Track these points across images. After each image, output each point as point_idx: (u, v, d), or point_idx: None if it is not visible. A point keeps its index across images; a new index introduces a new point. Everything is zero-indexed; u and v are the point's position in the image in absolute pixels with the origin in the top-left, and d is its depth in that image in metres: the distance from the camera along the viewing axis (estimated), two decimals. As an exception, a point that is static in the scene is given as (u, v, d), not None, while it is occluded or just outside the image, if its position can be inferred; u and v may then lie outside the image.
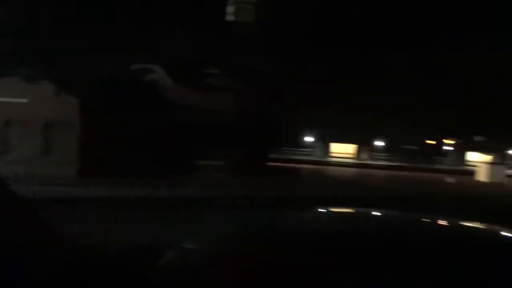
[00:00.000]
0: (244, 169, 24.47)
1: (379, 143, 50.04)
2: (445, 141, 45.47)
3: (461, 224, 2.14)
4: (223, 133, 25.97)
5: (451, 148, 41.81)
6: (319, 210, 2.35)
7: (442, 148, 45.54)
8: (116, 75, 24.19)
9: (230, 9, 30.47)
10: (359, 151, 50.35)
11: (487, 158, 43.12)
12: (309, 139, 53.55)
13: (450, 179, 31.12)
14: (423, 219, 2.14)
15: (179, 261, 1.21)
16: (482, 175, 33.34)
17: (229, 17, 30.57)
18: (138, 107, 22.76)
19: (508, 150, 42.81)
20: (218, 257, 1.23)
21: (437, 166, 44.16)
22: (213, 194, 16.83)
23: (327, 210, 2.28)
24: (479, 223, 2.10)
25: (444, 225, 2.11)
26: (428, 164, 45.65)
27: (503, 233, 2.01)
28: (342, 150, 51.62)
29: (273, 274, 1.30)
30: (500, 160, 38.20)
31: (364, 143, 49.07)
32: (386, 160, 46.57)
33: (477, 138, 42.06)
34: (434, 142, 45.51)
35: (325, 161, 46.09)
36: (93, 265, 1.43)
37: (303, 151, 52.38)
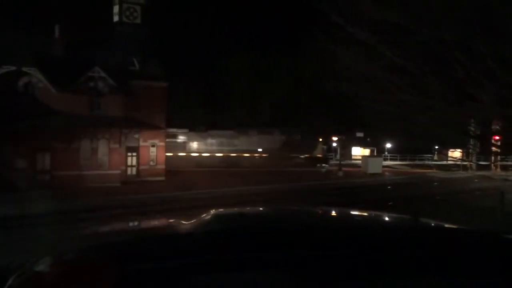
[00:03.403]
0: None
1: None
2: (333, 137, 48.96)
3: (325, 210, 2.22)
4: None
5: (335, 144, 45.18)
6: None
7: (331, 145, 48.96)
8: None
9: (116, 9, 29.00)
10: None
11: (367, 152, 47.70)
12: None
13: (340, 172, 33.75)
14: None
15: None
16: (364, 167, 36.74)
17: (116, 18, 29.09)
18: (10, 113, 20.48)
19: (383, 144, 47.76)
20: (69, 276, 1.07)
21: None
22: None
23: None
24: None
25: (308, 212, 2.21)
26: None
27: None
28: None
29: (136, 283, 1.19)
30: (377, 154, 42.52)
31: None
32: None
33: (359, 134, 46.20)
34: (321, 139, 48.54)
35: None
36: None
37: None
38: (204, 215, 2.01)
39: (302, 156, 39.57)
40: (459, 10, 8.79)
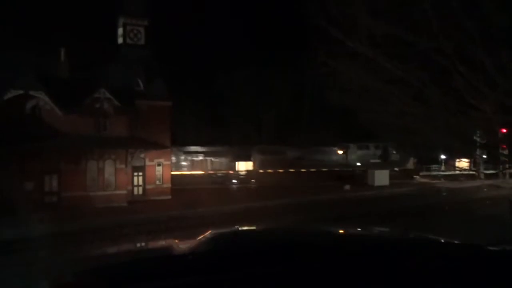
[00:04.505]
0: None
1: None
2: (339, 151, 49.01)
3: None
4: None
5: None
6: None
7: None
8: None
9: (120, 31, 29.49)
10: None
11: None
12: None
13: (346, 186, 33.45)
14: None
15: None
16: (370, 180, 36.45)
17: (120, 40, 29.56)
18: (18, 136, 20.74)
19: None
20: None
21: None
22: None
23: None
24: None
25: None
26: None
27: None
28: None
29: None
30: (383, 166, 42.34)
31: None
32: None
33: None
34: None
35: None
36: None
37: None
38: (201, 235, 2.05)
39: (396, 169, 40.39)
40: (456, 18, 8.87)
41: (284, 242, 1.78)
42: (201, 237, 2.04)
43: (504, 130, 13.69)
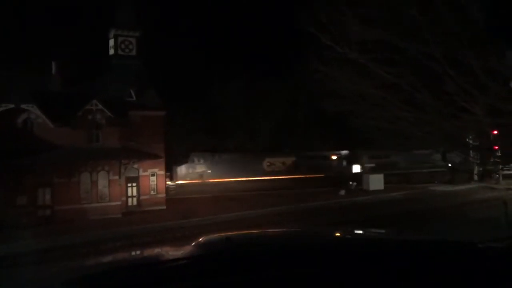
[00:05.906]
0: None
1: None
2: (332, 156, 49.28)
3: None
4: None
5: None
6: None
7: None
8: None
9: (112, 42, 29.47)
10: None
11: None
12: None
13: (342, 191, 33.47)
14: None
15: None
16: (365, 184, 36.51)
17: (111, 51, 29.54)
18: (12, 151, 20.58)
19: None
20: None
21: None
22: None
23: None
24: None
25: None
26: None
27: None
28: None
29: None
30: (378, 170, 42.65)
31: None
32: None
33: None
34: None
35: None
36: None
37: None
38: (194, 242, 2.04)
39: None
40: (444, 24, 9.00)
41: (277, 246, 1.78)
42: (194, 243, 2.03)
43: (496, 132, 13.83)
